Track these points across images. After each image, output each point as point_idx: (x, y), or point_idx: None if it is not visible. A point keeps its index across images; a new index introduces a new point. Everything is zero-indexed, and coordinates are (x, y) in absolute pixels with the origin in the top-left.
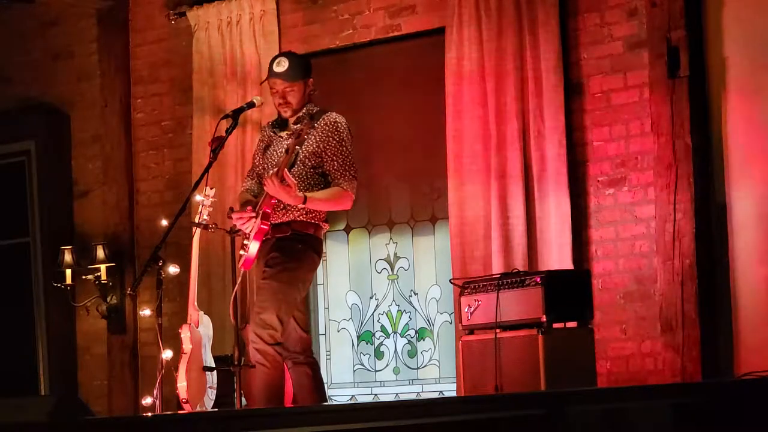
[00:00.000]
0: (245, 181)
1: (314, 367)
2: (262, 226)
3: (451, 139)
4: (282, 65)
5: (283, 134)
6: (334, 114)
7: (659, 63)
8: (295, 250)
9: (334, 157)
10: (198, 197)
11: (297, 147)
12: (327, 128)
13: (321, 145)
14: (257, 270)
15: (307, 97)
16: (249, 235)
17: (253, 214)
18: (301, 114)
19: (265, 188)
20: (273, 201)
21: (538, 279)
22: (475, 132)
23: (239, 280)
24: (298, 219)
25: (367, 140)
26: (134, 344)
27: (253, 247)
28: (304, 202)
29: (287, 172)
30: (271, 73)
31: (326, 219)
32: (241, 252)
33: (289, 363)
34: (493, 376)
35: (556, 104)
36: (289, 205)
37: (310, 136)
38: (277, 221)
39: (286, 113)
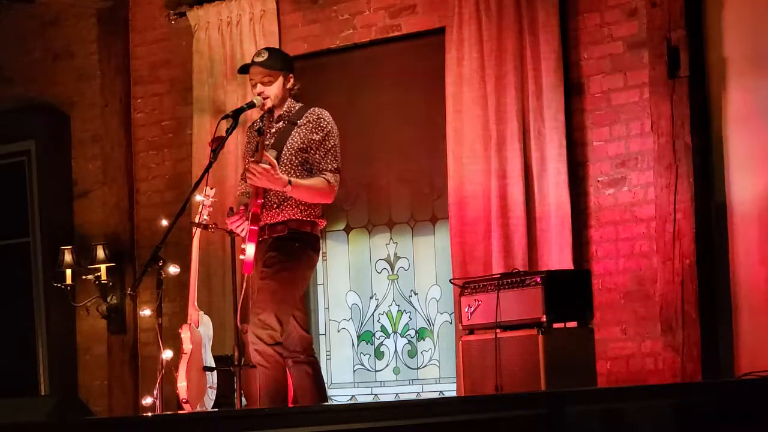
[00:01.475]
0: (240, 184)
1: (315, 366)
2: (251, 227)
3: (451, 139)
4: (262, 55)
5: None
6: (318, 109)
7: (659, 63)
8: (292, 249)
9: (318, 150)
10: (198, 197)
11: (265, 143)
12: (311, 124)
13: (306, 141)
14: (256, 270)
15: (287, 92)
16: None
17: (244, 216)
18: (282, 112)
19: (249, 181)
20: (259, 201)
21: (538, 279)
22: (475, 132)
23: (244, 285)
24: (294, 218)
25: (367, 140)
26: (134, 344)
27: (249, 249)
28: (289, 184)
29: (266, 153)
30: (251, 63)
31: (322, 215)
32: (241, 257)
33: (290, 362)
34: (493, 376)
35: (556, 104)
36: (283, 203)
37: (295, 134)
38: (272, 221)
39: (264, 106)
